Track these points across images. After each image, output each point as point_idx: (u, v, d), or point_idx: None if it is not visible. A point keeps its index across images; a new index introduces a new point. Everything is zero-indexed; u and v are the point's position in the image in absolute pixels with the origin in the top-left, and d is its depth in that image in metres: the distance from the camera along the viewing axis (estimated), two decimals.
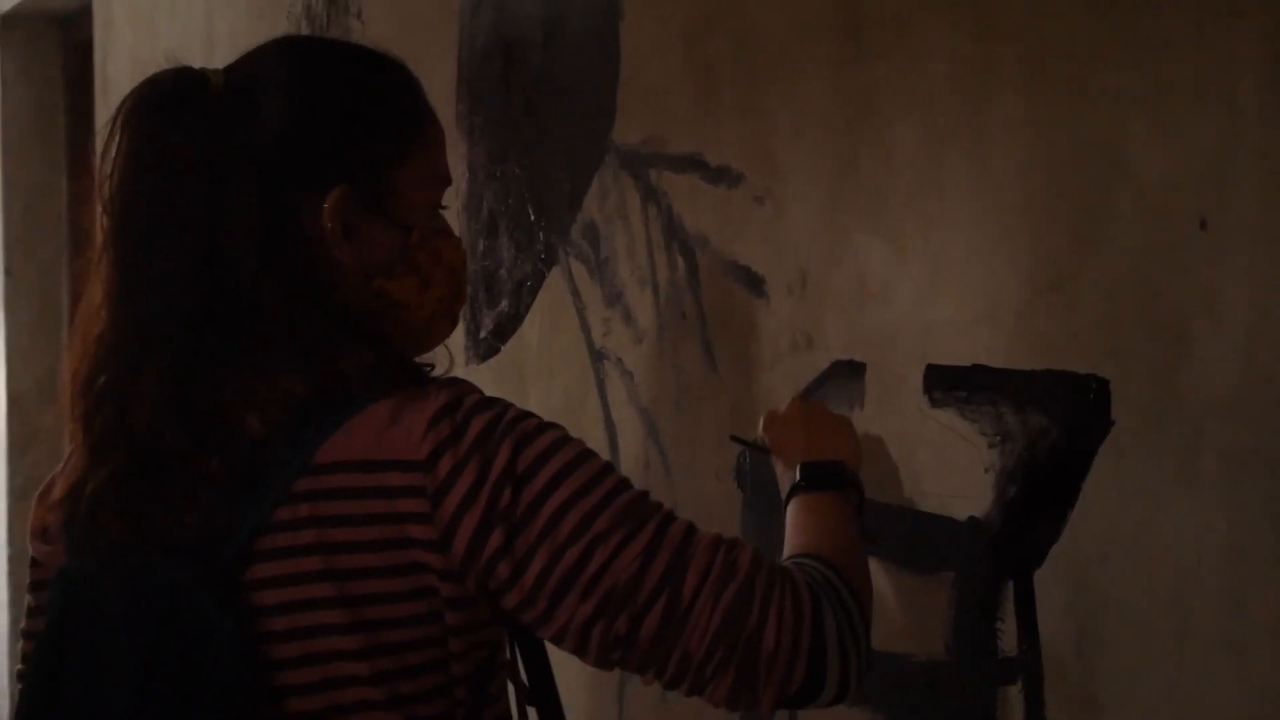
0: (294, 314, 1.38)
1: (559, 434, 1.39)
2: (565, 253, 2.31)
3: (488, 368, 2.53)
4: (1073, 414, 1.49)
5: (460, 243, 1.54)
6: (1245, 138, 1.33)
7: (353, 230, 1.43)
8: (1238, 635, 1.35)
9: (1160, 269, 1.41)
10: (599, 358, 2.24)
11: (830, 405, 1.77)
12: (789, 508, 1.58)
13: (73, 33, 5.55)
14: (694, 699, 1.39)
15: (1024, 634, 1.55)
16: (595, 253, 2.23)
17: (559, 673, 1.53)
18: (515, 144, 2.42)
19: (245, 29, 3.48)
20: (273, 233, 1.39)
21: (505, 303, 2.47)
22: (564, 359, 2.33)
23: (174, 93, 1.43)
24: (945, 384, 1.64)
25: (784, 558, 1.49)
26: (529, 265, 2.40)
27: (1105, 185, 1.46)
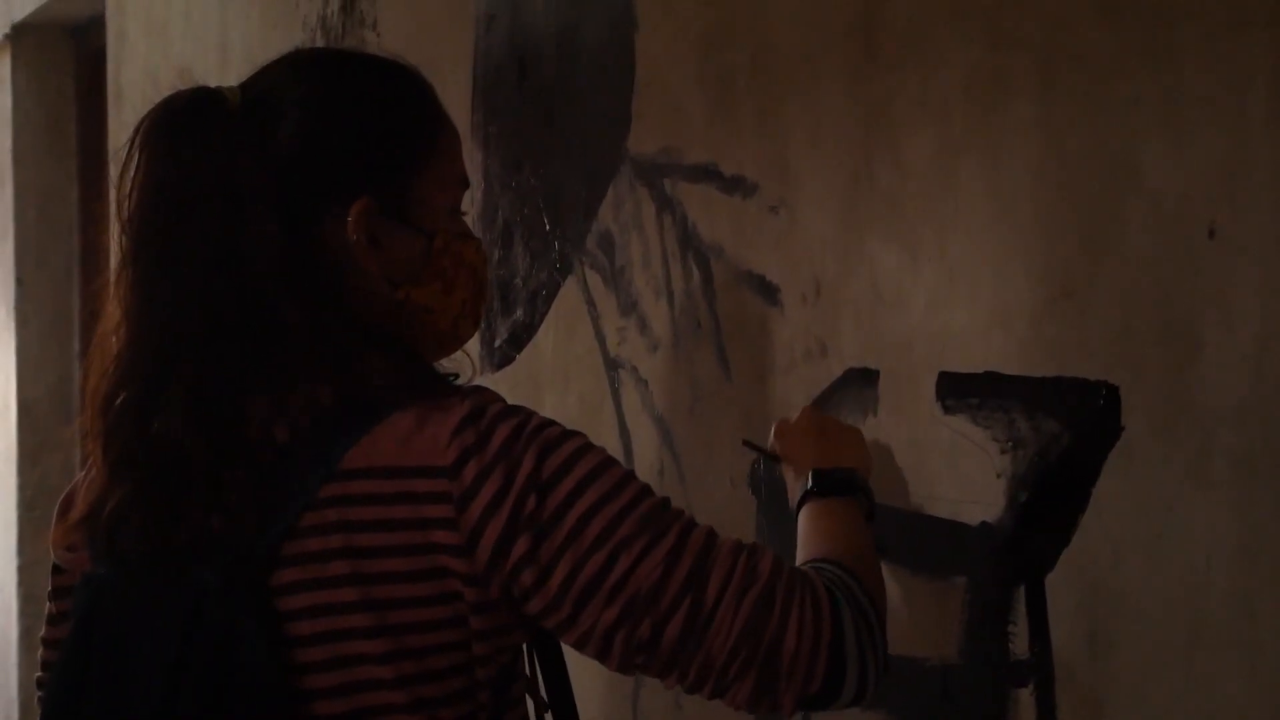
0: (318, 326, 1.40)
1: (582, 441, 1.41)
2: (580, 262, 2.33)
3: (503, 376, 2.55)
4: (1084, 420, 1.51)
5: (481, 244, 1.56)
6: (1254, 147, 1.35)
7: (378, 239, 1.45)
8: (1248, 638, 1.37)
9: (1171, 277, 1.43)
10: (614, 366, 2.27)
11: (844, 412, 1.79)
12: (801, 514, 1.60)
13: (85, 42, 5.58)
14: (709, 706, 1.41)
15: (1035, 637, 1.57)
16: (610, 262, 2.25)
17: (574, 679, 1.55)
18: (531, 154, 2.44)
19: (260, 40, 3.50)
20: (294, 247, 1.41)
21: (520, 311, 2.49)
22: (579, 367, 2.36)
23: (191, 112, 1.45)
24: (958, 391, 1.66)
25: (799, 563, 1.51)
26: (544, 274, 2.43)
27: (1117, 194, 1.48)
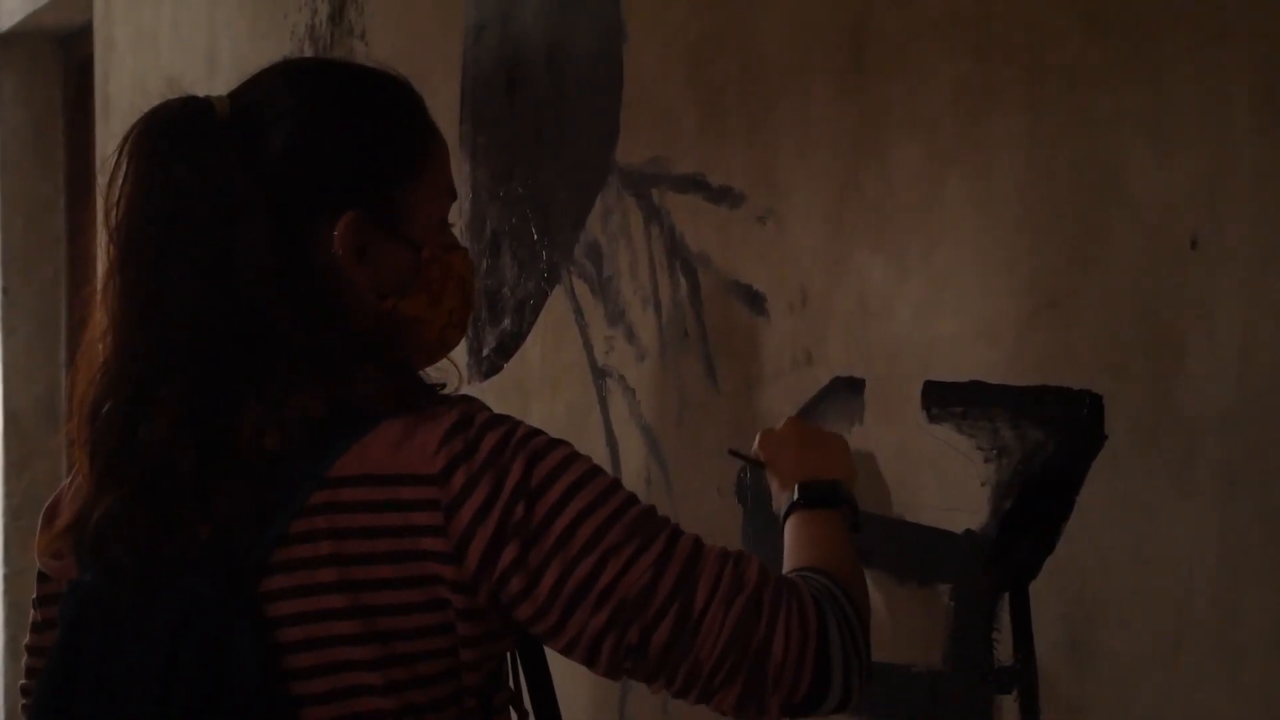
0: (306, 337, 1.40)
1: (569, 450, 1.42)
2: (568, 272, 2.34)
3: (490, 385, 2.56)
4: (1068, 429, 1.53)
5: (468, 253, 1.57)
6: (1237, 158, 1.37)
7: (365, 252, 1.45)
8: (1231, 646, 1.38)
9: (1154, 287, 1.44)
10: (601, 375, 2.28)
11: (830, 421, 1.81)
12: (786, 525, 1.61)
13: (73, 52, 5.58)
14: (696, 711, 1.42)
15: (1019, 644, 1.58)
16: (598, 272, 2.27)
17: (559, 687, 1.56)
18: (519, 164, 2.45)
19: (248, 50, 3.51)
20: (282, 258, 1.41)
21: (508, 321, 2.50)
22: (567, 376, 2.37)
23: (180, 122, 1.45)
24: (943, 400, 1.67)
25: (785, 571, 1.52)
26: (532, 284, 2.44)
27: (1101, 204, 1.50)
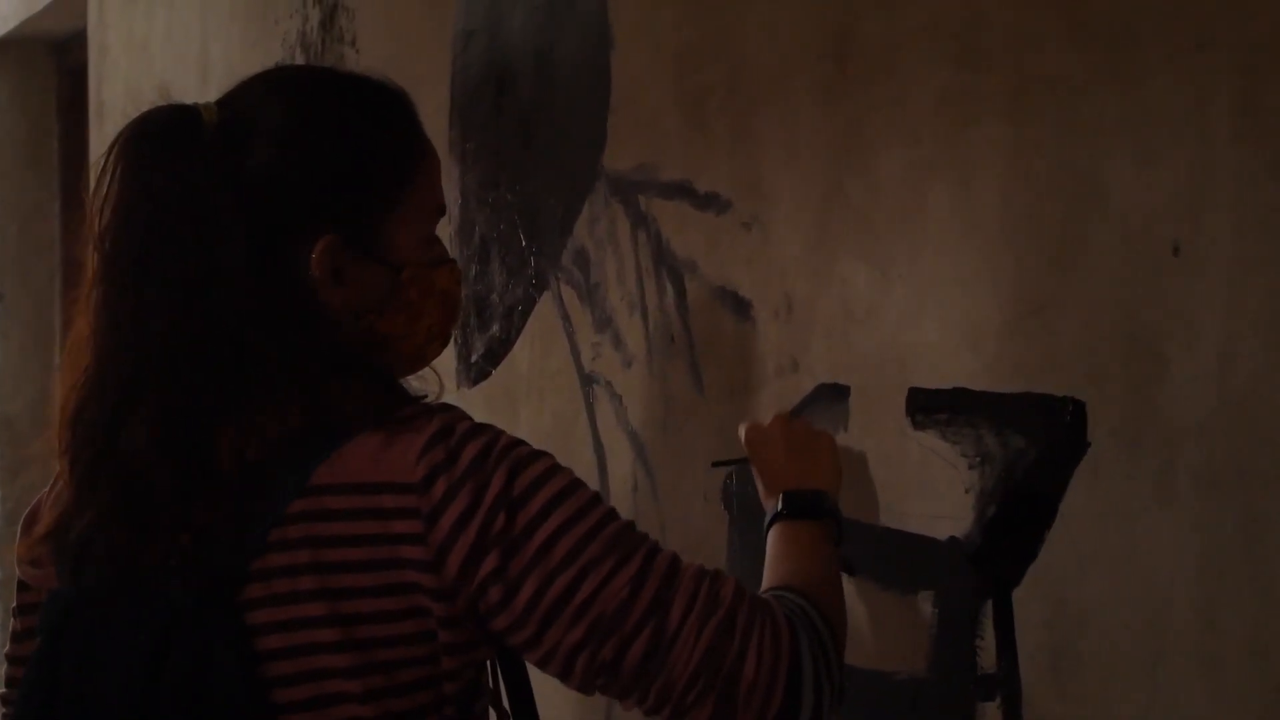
0: (284, 351, 1.40)
1: (550, 462, 1.42)
2: (556, 278, 2.34)
3: (479, 391, 2.56)
4: (1050, 436, 1.53)
5: (455, 265, 1.56)
6: (1218, 165, 1.37)
7: (342, 275, 1.45)
8: (1212, 654, 1.38)
9: (1136, 294, 1.44)
10: (588, 381, 2.28)
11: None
12: (770, 535, 1.62)
13: (67, 57, 5.58)
14: None
15: (1002, 651, 1.58)
16: (585, 278, 2.27)
17: (544, 697, 1.56)
18: (507, 170, 2.45)
19: (240, 57, 3.51)
20: (263, 273, 1.41)
21: (496, 327, 2.51)
22: (554, 383, 2.37)
23: (166, 130, 1.45)
24: (927, 406, 1.67)
25: (763, 587, 1.52)
26: (520, 290, 2.44)
27: (1083, 212, 1.50)
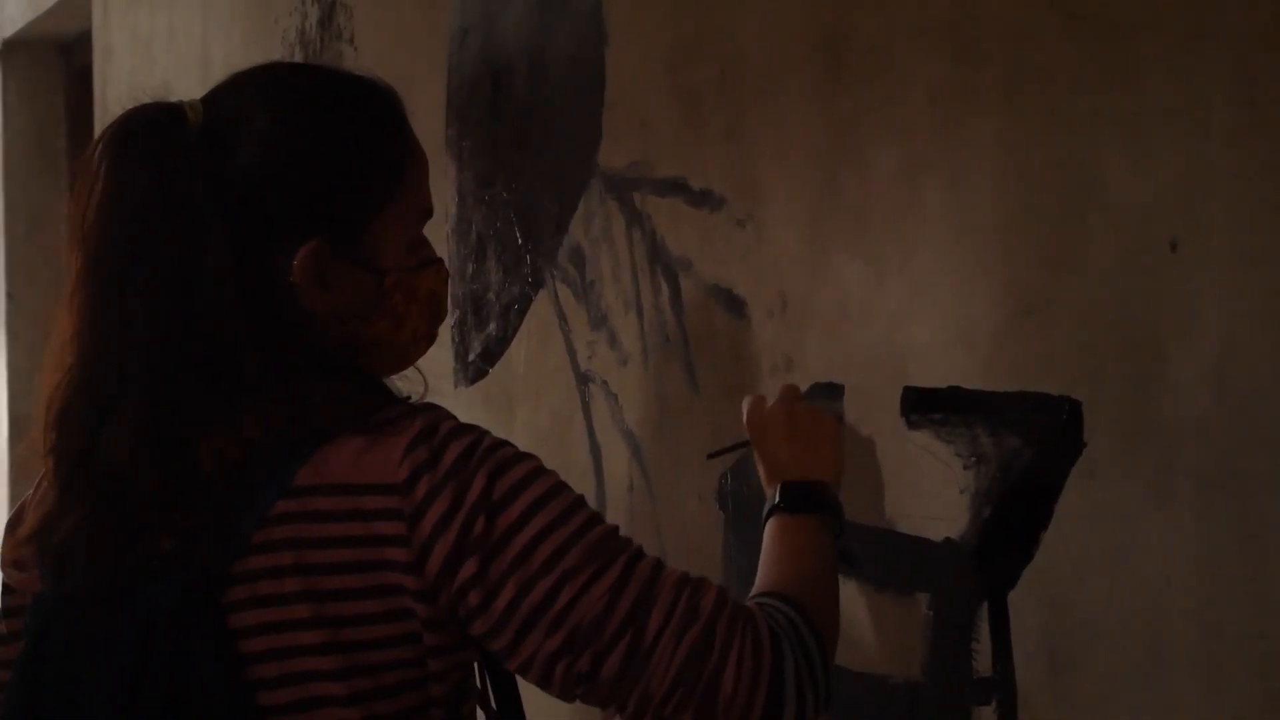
0: (265, 354, 1.38)
1: (534, 464, 1.40)
2: (551, 276, 2.32)
3: (476, 390, 2.54)
4: (1046, 436, 1.50)
5: (441, 265, 1.53)
6: (1215, 160, 1.34)
7: (325, 281, 1.43)
8: (1209, 657, 1.36)
9: (1133, 291, 1.42)
10: (584, 380, 2.25)
11: None
12: (766, 528, 1.59)
13: (74, 58, 5.57)
14: None
15: (998, 655, 1.55)
16: (581, 276, 2.24)
17: (535, 696, 1.53)
18: (503, 168, 2.43)
19: (241, 56, 3.49)
20: (244, 277, 1.39)
21: (493, 326, 2.48)
22: (550, 382, 2.34)
23: (150, 129, 1.42)
24: (922, 406, 1.64)
25: (755, 587, 1.49)
26: (516, 288, 2.41)
27: (1079, 208, 1.47)
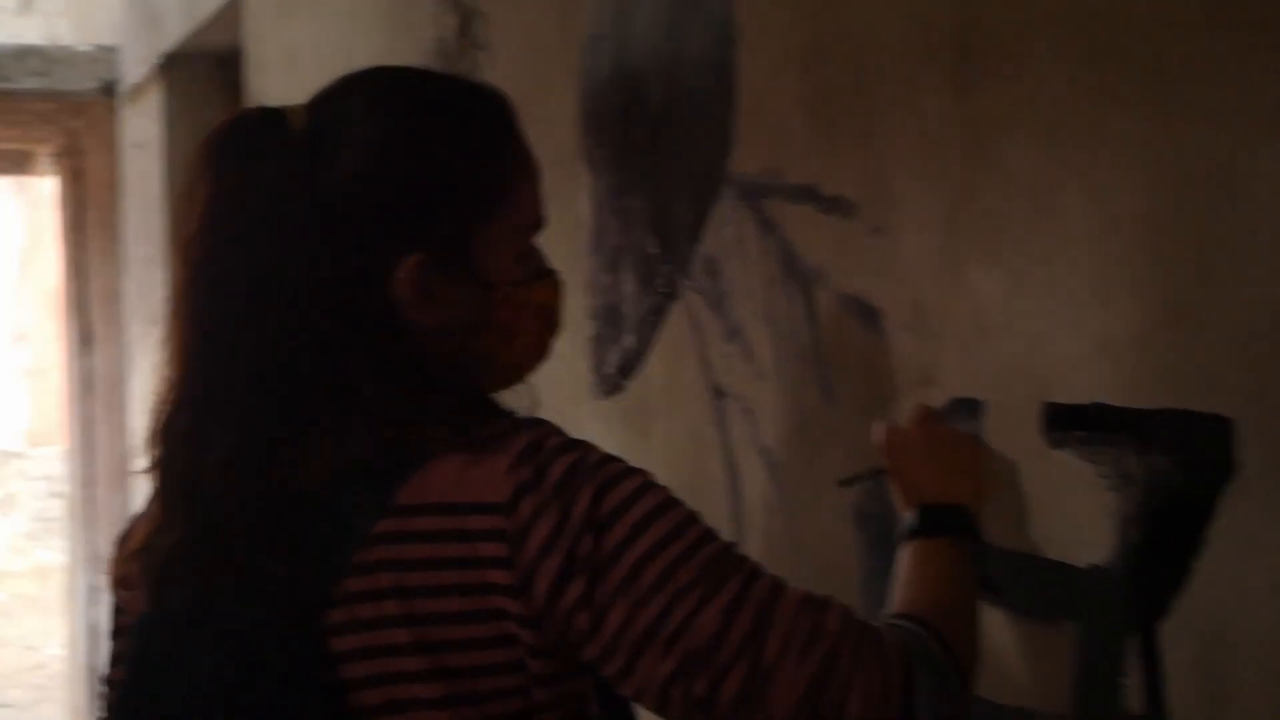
0: (365, 369, 1.34)
1: (643, 479, 1.33)
2: (686, 286, 2.25)
3: (614, 404, 2.48)
4: (1196, 456, 1.40)
5: (555, 277, 1.48)
6: None
7: (430, 294, 1.38)
8: None
9: None
10: (720, 395, 2.18)
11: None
12: (902, 553, 1.51)
13: (232, 71, 5.63)
14: None
15: (1149, 692, 1.45)
16: (715, 286, 2.17)
17: None
18: (637, 176, 2.37)
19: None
20: (344, 289, 1.35)
21: (629, 338, 2.42)
22: (686, 396, 2.27)
23: (251, 135, 1.39)
24: (1064, 423, 1.55)
25: (887, 610, 1.41)
26: (651, 300, 2.35)
27: (1230, 208, 1.36)
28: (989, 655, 1.58)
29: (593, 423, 2.53)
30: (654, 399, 2.37)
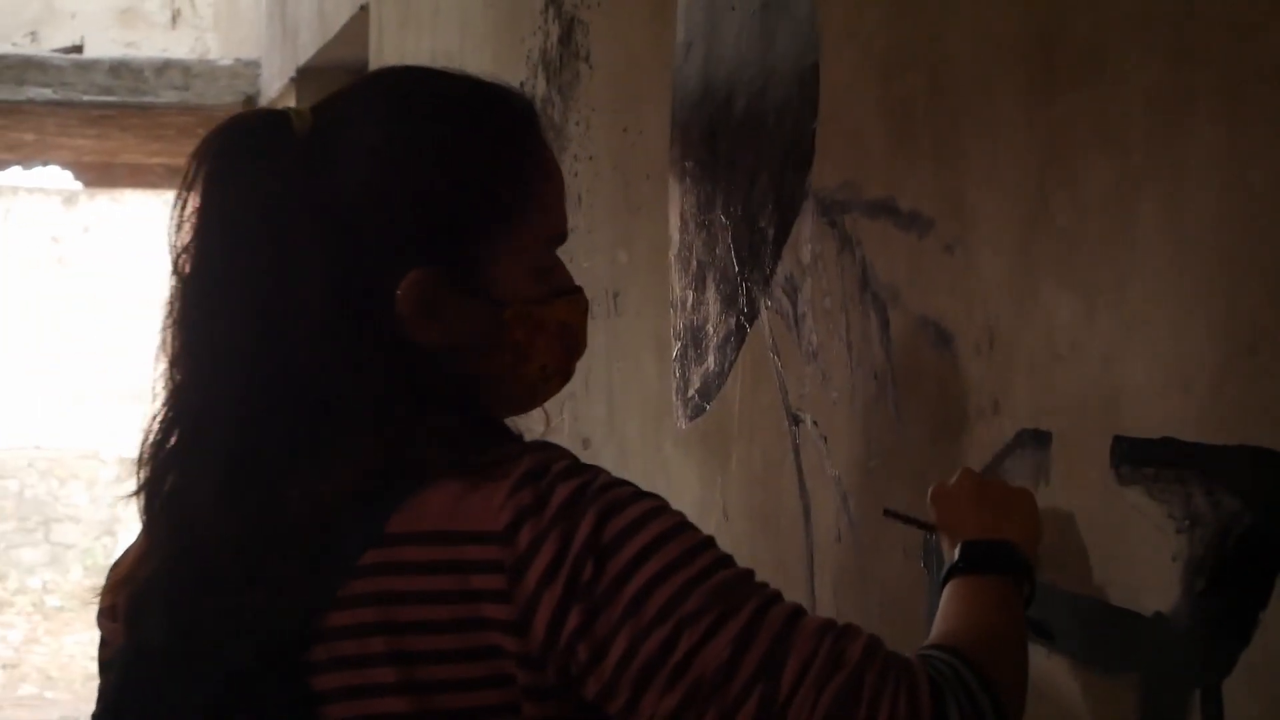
0: (361, 389, 1.25)
1: (653, 504, 1.23)
2: (766, 306, 2.16)
3: (694, 427, 2.40)
4: (1268, 498, 1.28)
5: (578, 295, 1.38)
6: None
7: (435, 311, 1.28)
8: None
9: None
10: (795, 420, 2.09)
11: (1014, 479, 1.58)
12: (944, 591, 1.40)
13: None
14: None
15: None
16: (794, 306, 2.08)
17: None
18: (721, 190, 2.28)
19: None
20: (342, 304, 1.26)
21: (711, 360, 2.33)
22: (764, 421, 2.18)
23: (249, 139, 1.31)
24: (1134, 458, 1.43)
25: (925, 644, 1.31)
26: (733, 320, 2.26)
27: None
28: (1046, 705, 1.47)
29: (673, 448, 2.46)
30: (732, 424, 2.28)
